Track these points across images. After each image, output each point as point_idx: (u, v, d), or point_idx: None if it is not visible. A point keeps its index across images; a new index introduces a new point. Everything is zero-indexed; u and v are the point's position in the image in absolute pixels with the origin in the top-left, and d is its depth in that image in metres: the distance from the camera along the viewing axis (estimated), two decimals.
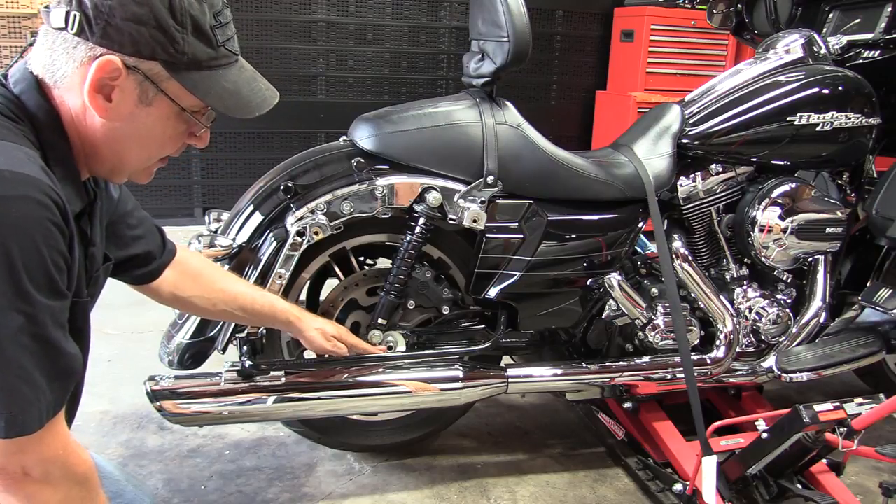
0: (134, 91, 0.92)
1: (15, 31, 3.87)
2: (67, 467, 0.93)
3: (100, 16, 0.87)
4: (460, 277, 1.86)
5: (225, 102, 0.96)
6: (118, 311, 2.93)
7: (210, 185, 4.32)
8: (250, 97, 1.00)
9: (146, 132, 0.97)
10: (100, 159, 0.98)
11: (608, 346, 1.97)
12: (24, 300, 0.82)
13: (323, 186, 1.66)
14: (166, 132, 0.98)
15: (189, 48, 0.92)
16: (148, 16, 0.88)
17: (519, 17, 1.64)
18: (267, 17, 4.23)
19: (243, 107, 0.99)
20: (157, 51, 0.90)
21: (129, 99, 0.92)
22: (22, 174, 0.82)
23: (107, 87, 0.90)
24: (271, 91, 1.04)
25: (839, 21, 2.18)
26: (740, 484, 1.73)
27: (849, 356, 2.02)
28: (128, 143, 0.97)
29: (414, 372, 1.75)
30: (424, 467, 1.98)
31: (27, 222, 0.82)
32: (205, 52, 0.94)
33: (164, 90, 0.93)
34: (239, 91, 0.98)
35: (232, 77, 0.98)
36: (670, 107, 1.98)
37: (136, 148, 0.98)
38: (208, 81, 0.95)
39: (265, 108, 1.02)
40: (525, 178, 1.75)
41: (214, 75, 0.96)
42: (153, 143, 0.99)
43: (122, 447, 2.02)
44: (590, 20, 4.93)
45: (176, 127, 0.99)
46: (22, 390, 0.84)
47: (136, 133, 0.96)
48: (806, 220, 1.92)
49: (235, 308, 1.46)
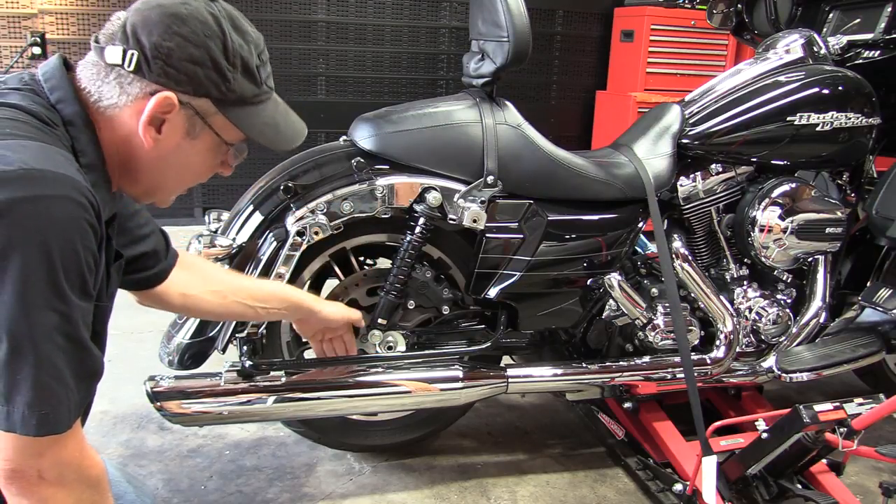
0: (183, 125, 0.98)
1: (15, 31, 3.87)
2: (82, 470, 0.93)
3: (158, 56, 0.93)
4: (460, 277, 1.86)
5: (266, 136, 1.03)
6: (118, 311, 2.91)
7: (210, 185, 4.31)
8: (286, 130, 1.07)
9: (187, 163, 1.03)
10: (137, 182, 1.03)
11: (608, 346, 1.97)
12: (60, 299, 0.84)
13: (323, 186, 1.66)
14: (205, 163, 1.05)
15: (238, 86, 0.99)
16: (204, 57, 0.95)
17: (519, 17, 1.64)
18: (267, 17, 4.23)
19: (281, 140, 1.06)
20: (211, 89, 0.97)
21: (178, 132, 0.98)
22: (62, 174, 0.85)
23: (158, 120, 0.96)
24: (301, 124, 1.12)
25: (839, 21, 2.18)
26: (740, 484, 1.73)
27: (849, 356, 2.02)
28: (169, 173, 1.03)
29: (414, 372, 1.75)
30: (424, 467, 1.98)
31: (67, 222, 0.84)
32: (250, 90, 1.01)
33: (211, 125, 1.00)
34: (277, 125, 1.06)
35: (270, 111, 1.05)
36: (670, 107, 1.98)
37: (174, 177, 1.05)
38: (252, 117, 1.02)
39: (298, 141, 1.10)
40: (525, 178, 1.75)
41: (256, 110, 1.02)
42: (191, 173, 1.06)
43: (122, 447, 2.02)
44: (590, 20, 4.93)
45: (214, 158, 1.05)
46: (54, 389, 0.86)
47: (178, 163, 1.02)
48: (806, 220, 1.92)
49: (246, 297, 1.45)
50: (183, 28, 0.94)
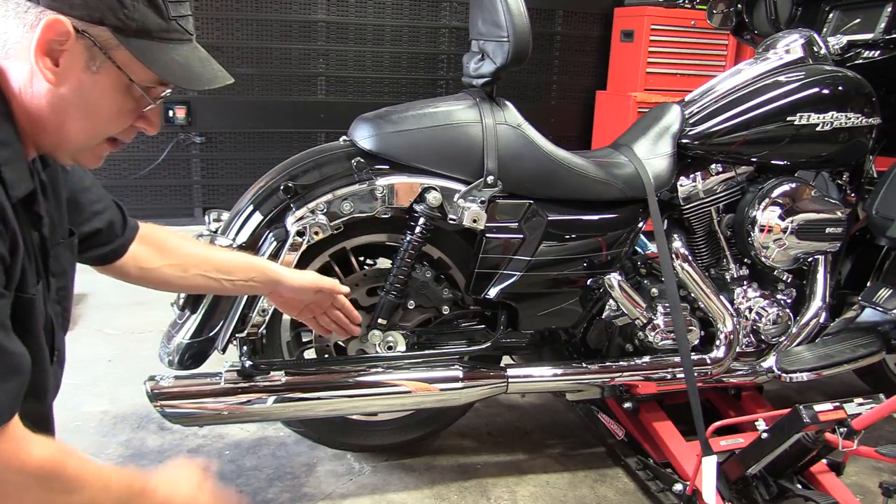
0: (82, 56, 0.90)
1: None
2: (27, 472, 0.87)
3: None
4: (460, 277, 1.86)
5: (174, 73, 0.94)
6: (118, 311, 2.93)
7: (210, 185, 4.32)
8: (201, 72, 0.98)
9: (92, 103, 0.94)
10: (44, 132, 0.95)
11: (608, 346, 1.97)
12: None
13: (323, 186, 1.66)
14: (113, 106, 0.96)
15: (139, 15, 0.91)
16: None
17: (519, 17, 1.64)
18: (267, 17, 4.22)
19: (193, 79, 0.97)
20: (107, 15, 0.89)
21: (76, 64, 0.90)
22: None
23: (55, 52, 0.88)
24: (224, 73, 1.02)
25: (839, 21, 2.18)
26: (740, 484, 1.73)
27: (849, 356, 2.02)
28: (73, 114, 0.94)
29: (414, 372, 1.75)
30: (424, 467, 1.98)
31: None
32: (155, 22, 0.92)
33: (113, 58, 0.91)
34: (189, 64, 0.97)
35: (183, 52, 0.97)
36: (670, 107, 1.98)
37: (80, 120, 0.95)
38: (158, 52, 0.93)
39: (216, 84, 1.00)
40: (525, 178, 1.75)
41: (165, 47, 0.94)
42: (99, 118, 0.96)
43: (122, 447, 2.02)
44: (590, 20, 4.93)
45: (124, 102, 0.96)
46: None
47: (82, 103, 0.93)
48: (806, 220, 1.92)
49: (209, 270, 1.37)
50: None
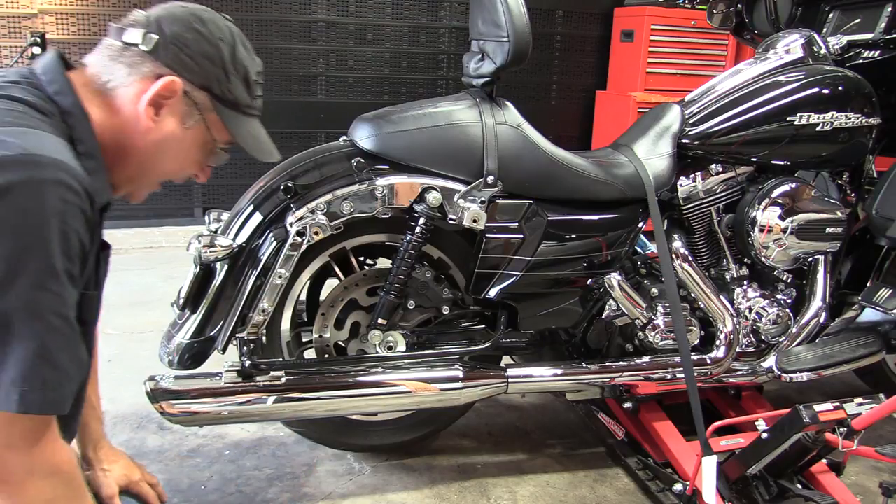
0: (180, 112, 1.07)
1: (15, 31, 3.86)
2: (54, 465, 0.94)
3: (175, 43, 1.04)
4: (460, 277, 1.86)
5: (249, 143, 1.14)
6: (118, 311, 2.93)
7: (210, 185, 4.31)
8: (265, 145, 1.19)
9: (177, 151, 1.10)
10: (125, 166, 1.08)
11: (608, 346, 1.97)
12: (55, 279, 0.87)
13: (323, 186, 1.66)
14: (190, 157, 1.13)
15: (236, 90, 1.10)
16: (215, 55, 1.06)
17: (519, 17, 1.64)
18: (267, 17, 4.23)
19: (263, 151, 1.18)
20: (213, 84, 1.07)
21: (174, 119, 1.07)
22: (57, 159, 0.89)
23: (159, 104, 1.04)
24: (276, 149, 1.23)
25: (839, 21, 2.18)
26: (740, 484, 1.73)
27: (849, 356, 2.02)
28: (157, 157, 1.09)
29: (414, 372, 1.75)
30: (424, 467, 1.98)
31: (61, 205, 0.88)
32: (244, 99, 1.12)
33: (205, 119, 1.10)
34: (259, 137, 1.17)
35: (255, 126, 1.17)
36: (670, 107, 1.98)
37: (161, 163, 1.11)
38: (240, 123, 1.13)
39: (274, 158, 1.22)
40: (525, 178, 1.75)
41: (244, 119, 1.13)
42: (176, 164, 1.13)
43: (122, 447, 2.01)
44: (590, 20, 4.93)
45: (199, 155, 1.14)
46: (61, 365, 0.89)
47: (168, 149, 1.09)
48: (806, 220, 1.92)
49: None
50: (202, 27, 1.06)
